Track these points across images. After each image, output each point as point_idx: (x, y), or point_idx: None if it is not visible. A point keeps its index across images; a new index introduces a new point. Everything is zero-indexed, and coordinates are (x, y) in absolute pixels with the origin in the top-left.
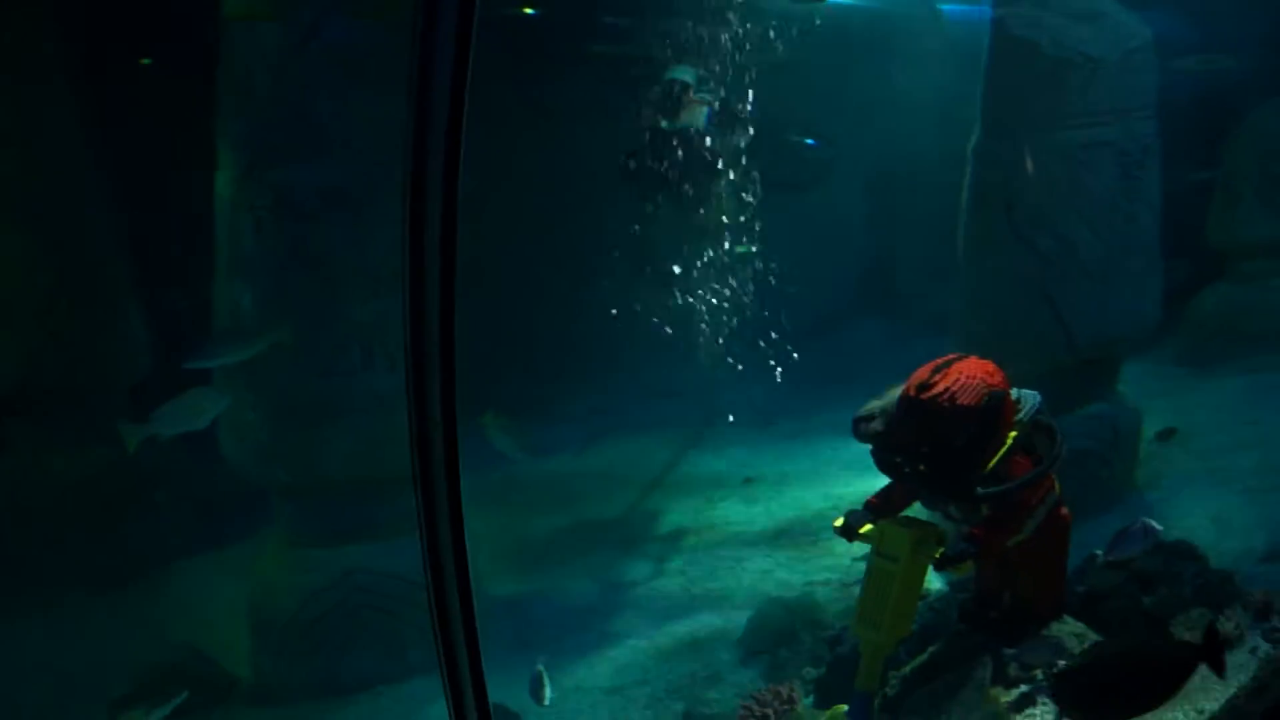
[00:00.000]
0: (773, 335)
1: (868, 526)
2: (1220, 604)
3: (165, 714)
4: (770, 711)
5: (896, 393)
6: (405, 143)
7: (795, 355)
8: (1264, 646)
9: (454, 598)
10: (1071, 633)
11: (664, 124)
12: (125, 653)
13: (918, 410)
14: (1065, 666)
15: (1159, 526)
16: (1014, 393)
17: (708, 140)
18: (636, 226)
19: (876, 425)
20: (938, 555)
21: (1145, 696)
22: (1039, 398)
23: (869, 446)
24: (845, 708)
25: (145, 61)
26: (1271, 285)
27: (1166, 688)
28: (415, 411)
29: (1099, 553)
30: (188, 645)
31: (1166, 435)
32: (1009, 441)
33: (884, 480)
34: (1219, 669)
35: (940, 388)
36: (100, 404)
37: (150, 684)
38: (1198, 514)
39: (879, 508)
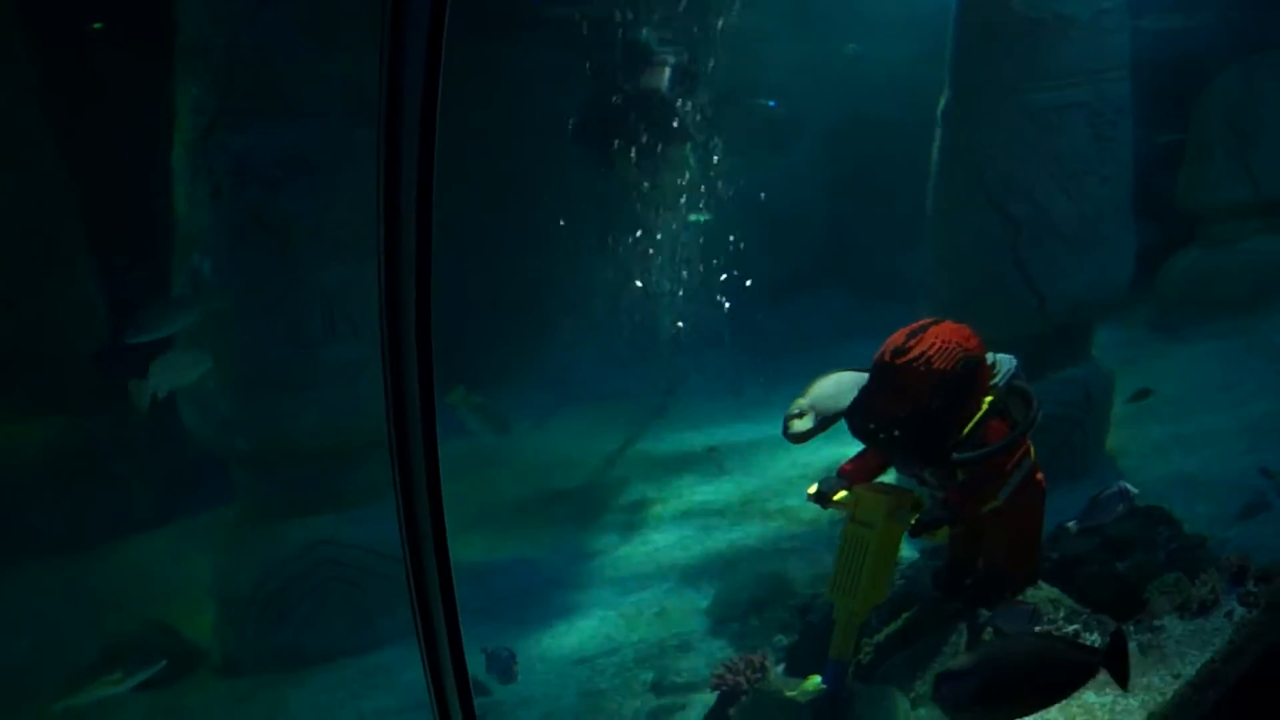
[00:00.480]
0: (735, 303)
1: (842, 493)
2: (1194, 568)
3: (143, 678)
4: (742, 679)
5: (822, 383)
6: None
7: (758, 322)
8: (1239, 610)
9: (433, 575)
10: (1046, 598)
11: (623, 86)
12: (86, 625)
13: (893, 375)
14: (951, 667)
15: (1135, 490)
16: (989, 357)
17: (667, 103)
18: (595, 192)
19: (803, 425)
20: (913, 521)
21: (1035, 698)
22: (1015, 362)
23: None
24: (818, 678)
25: (98, 26)
26: (1242, 248)
27: (1058, 691)
28: (392, 390)
29: (1071, 524)
30: (151, 618)
31: (1141, 396)
32: (984, 406)
33: (853, 448)
34: (1121, 677)
35: (916, 352)
36: (58, 372)
37: (122, 652)
38: (1170, 479)
39: (853, 474)
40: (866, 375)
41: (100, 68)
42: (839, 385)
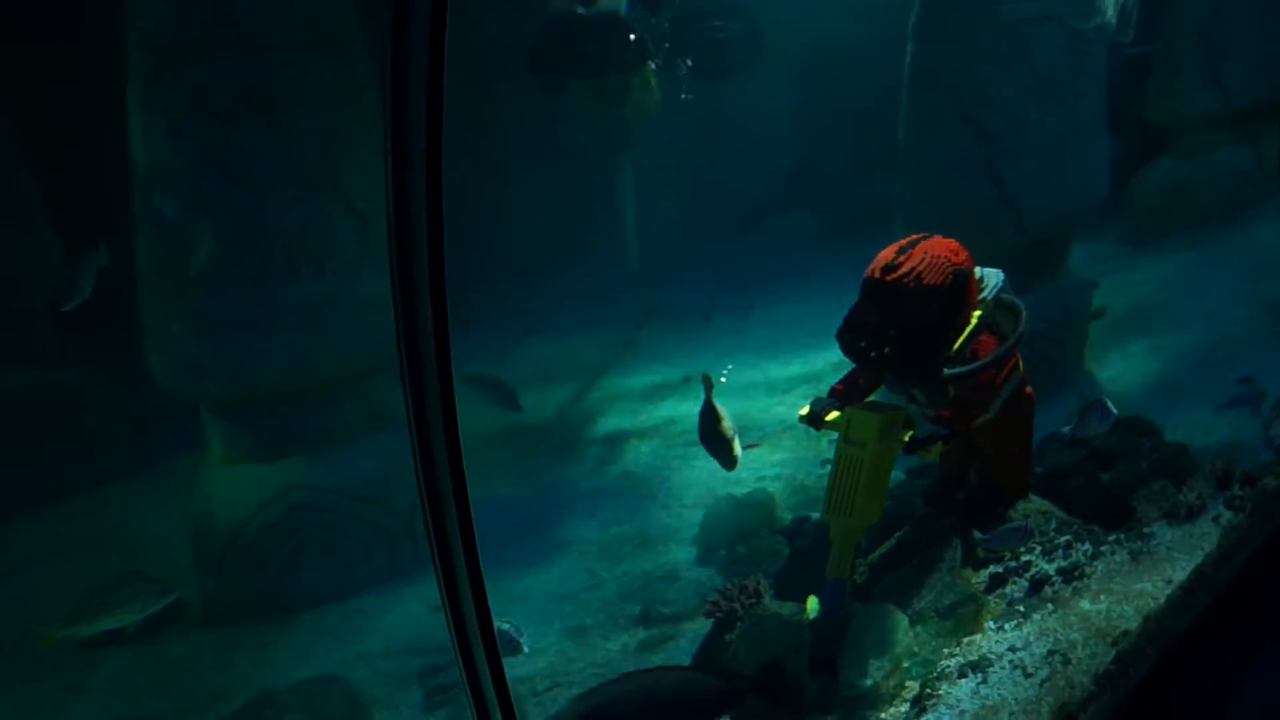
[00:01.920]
0: (704, 231)
1: (834, 414)
2: (1178, 476)
3: (153, 612)
4: (737, 605)
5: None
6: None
7: (727, 250)
8: (1226, 514)
9: (454, 523)
10: (1037, 510)
11: (580, 10)
12: (62, 578)
13: (883, 292)
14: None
15: (1115, 410)
16: (977, 271)
17: (626, 26)
18: (554, 121)
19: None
20: (906, 439)
21: None
22: (1002, 275)
23: (815, 341)
24: (816, 599)
25: None
26: (1213, 159)
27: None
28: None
29: (1065, 430)
30: (127, 569)
31: (1096, 315)
32: (974, 321)
33: (829, 369)
34: (775, 703)
35: (905, 268)
36: (20, 325)
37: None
38: (1149, 389)
39: (844, 394)
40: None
41: (44, 4)
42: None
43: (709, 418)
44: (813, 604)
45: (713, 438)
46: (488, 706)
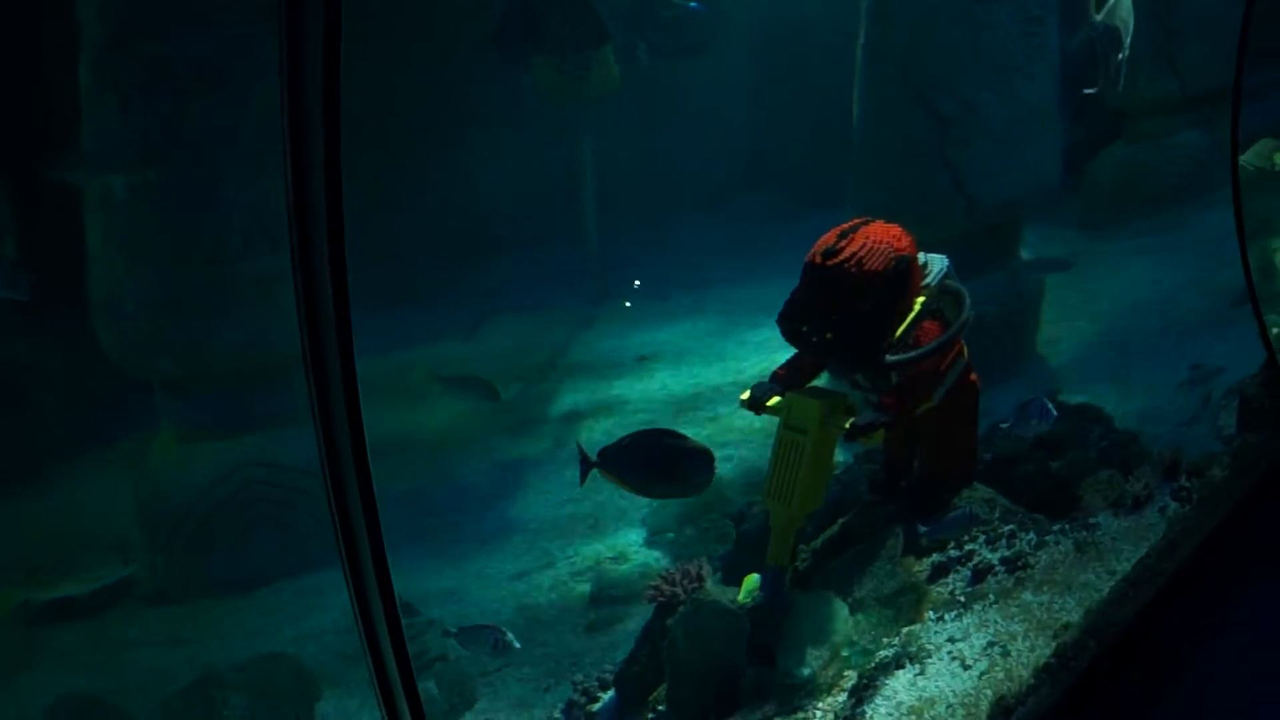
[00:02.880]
0: (662, 210)
1: (775, 399)
2: (1128, 464)
3: (108, 583)
4: (679, 590)
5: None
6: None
7: (686, 229)
8: (1173, 505)
9: (354, 493)
10: (982, 499)
11: None
12: (9, 553)
13: (824, 277)
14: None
15: (1055, 411)
16: (921, 257)
17: (586, 3)
18: (518, 98)
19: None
20: (847, 426)
21: None
22: (946, 262)
23: (771, 321)
24: (757, 576)
25: None
26: (1169, 144)
27: None
28: (305, 309)
29: (1004, 426)
30: (80, 543)
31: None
32: (917, 307)
33: (786, 353)
34: None
35: (846, 253)
36: None
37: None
38: (1100, 377)
39: (786, 379)
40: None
41: None
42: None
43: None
44: (749, 583)
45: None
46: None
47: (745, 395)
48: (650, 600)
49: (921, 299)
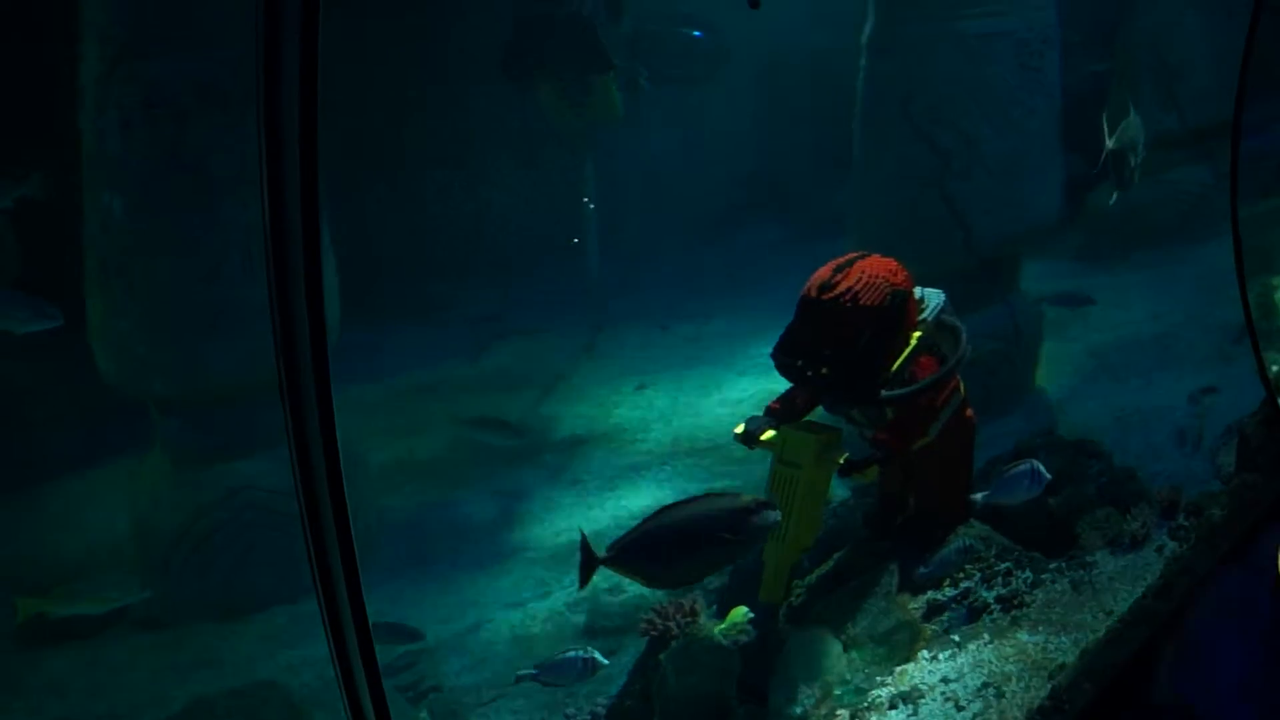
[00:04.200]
0: (665, 237)
1: (769, 433)
2: (1126, 502)
3: (124, 605)
4: (673, 625)
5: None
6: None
7: (688, 257)
8: (1170, 545)
9: (329, 518)
10: (978, 535)
11: (546, 11)
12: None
13: (819, 312)
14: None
15: (1048, 475)
16: (917, 292)
17: (589, 29)
18: (523, 122)
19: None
20: (842, 461)
21: None
22: (943, 297)
23: (768, 352)
24: (744, 609)
25: None
26: (1169, 178)
27: None
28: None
29: (978, 497)
30: (70, 570)
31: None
32: (913, 342)
33: (784, 385)
34: None
35: (842, 288)
36: None
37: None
38: (1099, 411)
39: (781, 413)
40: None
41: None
42: None
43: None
44: (735, 616)
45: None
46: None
47: (739, 429)
48: (643, 634)
49: (918, 334)
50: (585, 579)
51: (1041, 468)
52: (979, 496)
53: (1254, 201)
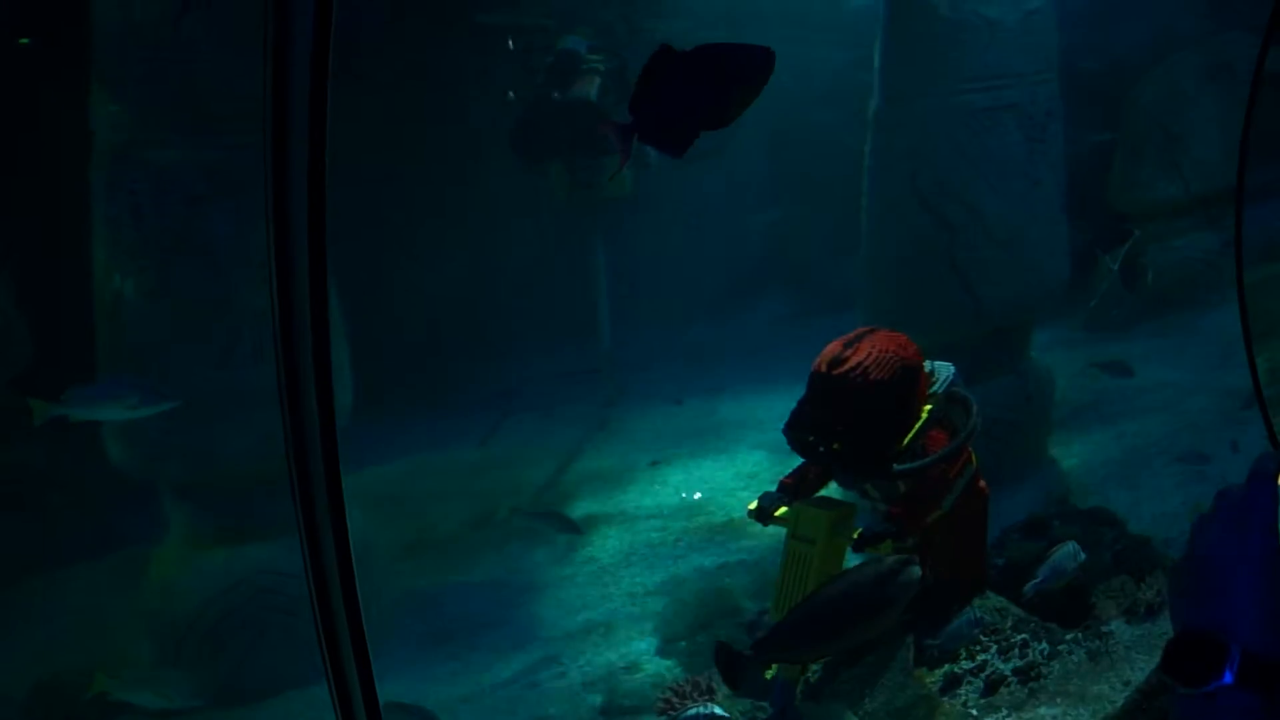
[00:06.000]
0: (674, 313)
1: (783, 509)
2: (1141, 569)
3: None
4: (689, 703)
5: None
6: (264, 120)
7: (698, 332)
8: None
9: (339, 603)
10: (994, 607)
11: (555, 95)
12: (15, 666)
13: (830, 387)
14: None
15: (1083, 555)
16: (927, 365)
17: (597, 112)
18: (531, 203)
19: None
20: (856, 536)
21: None
22: (953, 369)
23: (780, 426)
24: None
25: (24, 41)
26: (1175, 246)
27: None
28: (289, 411)
29: (1028, 588)
30: (85, 658)
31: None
32: (924, 415)
33: (797, 460)
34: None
35: (852, 363)
36: None
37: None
38: (1111, 480)
39: (793, 489)
40: None
41: (9, 83)
42: None
43: None
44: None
45: None
46: None
47: (752, 505)
48: (660, 713)
49: (929, 407)
50: (734, 681)
51: (1078, 547)
52: (1029, 588)
53: (1260, 266)
